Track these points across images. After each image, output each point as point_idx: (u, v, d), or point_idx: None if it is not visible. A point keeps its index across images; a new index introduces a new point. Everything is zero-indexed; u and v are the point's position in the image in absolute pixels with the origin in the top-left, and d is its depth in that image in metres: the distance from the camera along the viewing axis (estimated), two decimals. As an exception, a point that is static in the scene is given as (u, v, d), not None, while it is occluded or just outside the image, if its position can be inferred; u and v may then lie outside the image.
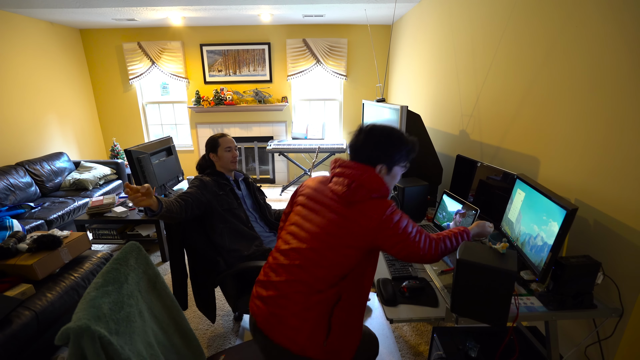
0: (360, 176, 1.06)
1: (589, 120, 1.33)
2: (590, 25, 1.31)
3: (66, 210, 3.12)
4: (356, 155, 1.13)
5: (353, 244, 1.03)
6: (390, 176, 1.13)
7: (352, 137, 1.16)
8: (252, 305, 1.13)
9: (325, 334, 1.02)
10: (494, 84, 1.99)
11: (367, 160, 1.10)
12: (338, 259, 1.03)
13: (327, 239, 1.05)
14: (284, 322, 1.02)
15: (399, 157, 1.11)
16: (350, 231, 1.03)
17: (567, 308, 1.14)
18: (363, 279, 1.09)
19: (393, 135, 1.12)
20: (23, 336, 1.51)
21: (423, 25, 3.20)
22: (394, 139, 1.11)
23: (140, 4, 3.27)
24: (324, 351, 1.02)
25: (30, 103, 3.70)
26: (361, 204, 1.05)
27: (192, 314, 2.14)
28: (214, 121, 4.82)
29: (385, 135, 1.11)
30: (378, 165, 1.09)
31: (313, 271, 1.04)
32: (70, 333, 0.67)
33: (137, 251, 1.03)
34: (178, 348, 1.07)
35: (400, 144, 1.11)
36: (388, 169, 1.11)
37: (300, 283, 1.04)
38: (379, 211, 1.03)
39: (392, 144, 1.11)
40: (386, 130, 1.12)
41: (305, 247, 1.07)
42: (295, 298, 1.03)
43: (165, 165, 3.11)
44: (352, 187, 1.05)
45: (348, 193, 1.05)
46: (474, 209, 1.61)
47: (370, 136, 1.11)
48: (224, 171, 1.84)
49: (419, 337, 1.90)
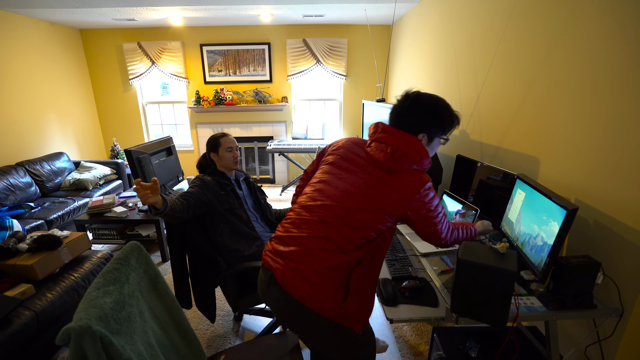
0: (406, 145, 1.04)
1: (589, 120, 1.33)
2: (590, 25, 1.31)
3: (66, 210, 3.12)
4: (399, 121, 1.10)
5: (388, 210, 1.03)
6: (430, 147, 1.11)
7: (397, 102, 1.12)
8: (267, 260, 1.10)
9: (344, 296, 1.01)
10: (494, 83, 1.99)
11: (409, 127, 1.08)
12: (369, 222, 1.03)
13: (361, 200, 1.04)
14: (305, 278, 1.00)
15: (442, 128, 1.10)
16: (387, 197, 1.03)
17: (567, 308, 1.14)
18: (378, 250, 1.09)
19: (440, 104, 1.10)
20: (23, 336, 1.51)
21: (423, 25, 3.20)
22: (440, 109, 1.09)
23: (140, 4, 3.27)
24: (340, 313, 1.00)
25: (30, 103, 3.70)
26: (402, 174, 1.04)
27: (192, 314, 2.14)
28: (214, 121, 4.82)
29: (433, 103, 1.09)
30: (420, 133, 1.08)
31: (342, 230, 1.02)
32: (71, 333, 0.67)
33: (138, 251, 1.03)
34: (178, 348, 1.07)
35: (446, 114, 1.09)
36: (429, 139, 1.10)
37: (327, 240, 1.02)
38: (419, 184, 1.03)
39: (438, 113, 1.09)
40: (433, 99, 1.10)
41: (335, 205, 1.06)
42: (319, 255, 1.01)
43: (165, 165, 3.11)
44: (395, 156, 1.04)
45: (391, 161, 1.04)
46: (474, 209, 1.61)
47: (417, 103, 1.08)
48: (225, 171, 1.84)
49: (419, 337, 1.90)
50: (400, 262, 1.59)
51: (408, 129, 1.08)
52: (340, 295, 1.01)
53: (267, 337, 1.39)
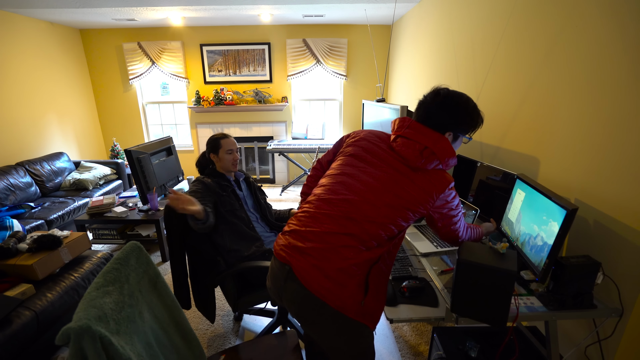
0: (435, 144, 1.04)
1: (589, 120, 1.33)
2: (590, 25, 1.31)
3: (66, 210, 3.12)
4: (428, 117, 1.08)
5: (412, 207, 1.03)
6: (453, 145, 1.11)
7: (427, 98, 1.10)
8: (283, 255, 1.05)
9: (364, 293, 1.01)
10: (494, 84, 1.99)
11: (438, 125, 1.06)
12: (394, 219, 1.02)
13: (387, 196, 1.03)
14: (329, 276, 0.97)
15: (469, 127, 1.10)
16: (413, 195, 1.03)
17: (567, 308, 1.14)
18: (395, 247, 1.09)
19: (470, 104, 1.09)
20: (23, 336, 1.51)
21: (423, 25, 3.20)
22: (470, 109, 1.08)
23: (140, 4, 3.27)
24: (360, 311, 1.00)
25: (30, 103, 3.70)
26: (428, 172, 1.05)
27: (192, 314, 2.14)
28: (214, 121, 4.82)
29: (463, 102, 1.08)
30: (447, 132, 1.07)
31: (366, 227, 1.01)
32: (71, 333, 0.67)
33: (137, 251, 1.03)
34: (178, 348, 1.07)
35: (474, 114, 1.09)
36: (454, 137, 1.09)
37: (351, 237, 1.00)
38: (444, 184, 1.05)
39: (467, 113, 1.08)
40: (464, 98, 1.09)
41: (360, 200, 1.03)
42: (344, 253, 0.99)
43: (165, 165, 3.11)
44: (424, 154, 1.03)
45: (420, 159, 1.04)
46: (474, 209, 1.61)
47: (448, 101, 1.07)
48: (225, 172, 1.84)
49: (419, 337, 1.90)
50: (400, 262, 1.58)
51: (436, 126, 1.07)
52: (360, 293, 1.00)
53: (267, 337, 1.39)
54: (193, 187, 1.73)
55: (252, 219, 1.83)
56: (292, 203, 4.23)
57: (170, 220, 1.68)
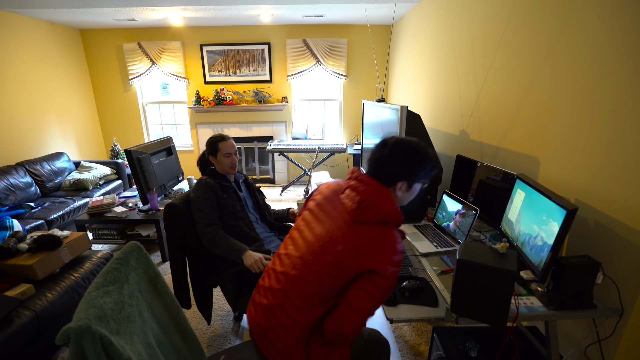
0: (374, 196, 0.99)
1: (589, 120, 1.33)
2: (590, 25, 1.31)
3: (66, 210, 3.12)
4: (377, 169, 1.04)
5: (344, 265, 0.95)
6: (409, 192, 1.06)
7: (375, 150, 1.06)
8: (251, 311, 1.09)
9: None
10: (494, 84, 1.99)
11: (388, 175, 1.03)
12: (322, 277, 0.97)
13: (319, 252, 0.99)
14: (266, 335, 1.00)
15: (423, 174, 1.05)
16: (345, 252, 0.95)
17: (567, 308, 1.14)
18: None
19: (419, 151, 1.04)
20: (23, 336, 1.51)
21: (423, 25, 3.20)
22: (420, 156, 1.04)
23: (140, 4, 3.27)
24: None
25: (30, 103, 3.70)
26: (368, 227, 0.97)
27: (192, 314, 2.14)
28: (214, 121, 4.82)
29: (412, 150, 1.03)
30: (399, 182, 1.03)
31: (297, 285, 0.99)
32: (71, 333, 0.67)
33: (137, 251, 1.03)
34: (178, 348, 1.07)
35: (425, 160, 1.04)
36: (409, 186, 1.04)
37: (283, 295, 1.00)
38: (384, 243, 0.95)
39: (418, 160, 1.03)
40: (412, 145, 1.04)
41: (298, 256, 1.02)
42: (289, 312, 0.99)
43: (165, 165, 3.12)
44: (362, 206, 0.98)
45: (357, 211, 0.98)
46: (474, 209, 1.61)
47: (396, 151, 1.03)
48: (225, 173, 1.84)
49: (419, 337, 1.90)
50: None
51: (387, 177, 1.03)
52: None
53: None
54: (196, 193, 1.72)
55: (252, 220, 1.83)
56: (291, 203, 4.23)
57: (170, 221, 1.68)
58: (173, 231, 1.68)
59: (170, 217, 1.66)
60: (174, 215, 1.66)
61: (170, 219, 1.67)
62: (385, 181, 1.03)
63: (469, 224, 1.59)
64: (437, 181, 2.16)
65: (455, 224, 1.69)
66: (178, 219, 1.66)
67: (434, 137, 2.86)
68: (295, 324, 0.98)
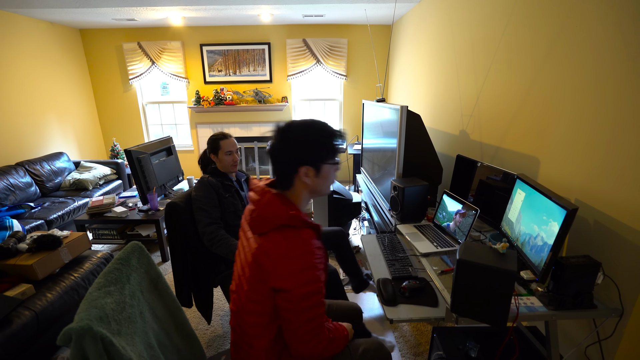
0: (259, 202, 0.93)
1: (589, 120, 1.33)
2: (590, 25, 1.31)
3: (66, 210, 3.12)
4: (276, 160, 0.95)
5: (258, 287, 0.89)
6: (321, 178, 0.95)
7: (270, 142, 0.96)
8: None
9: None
10: (494, 84, 1.99)
11: (287, 165, 0.94)
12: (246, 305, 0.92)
13: (243, 276, 0.94)
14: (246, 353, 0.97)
15: (325, 152, 0.94)
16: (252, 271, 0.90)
17: (567, 308, 1.15)
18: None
19: (314, 127, 0.94)
20: (23, 336, 1.51)
21: (423, 25, 3.20)
22: (315, 132, 0.94)
23: (140, 4, 3.27)
24: None
25: (30, 103, 3.70)
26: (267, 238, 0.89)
27: (192, 314, 2.14)
28: (214, 121, 4.82)
29: (305, 129, 0.94)
30: (302, 168, 0.93)
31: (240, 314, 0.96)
32: (72, 333, 0.67)
33: (139, 251, 1.03)
34: (179, 349, 1.07)
35: (323, 136, 0.94)
36: (316, 171, 0.94)
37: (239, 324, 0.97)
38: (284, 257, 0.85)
39: (314, 138, 0.93)
40: (305, 124, 0.94)
41: (237, 281, 0.99)
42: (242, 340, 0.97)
43: (165, 165, 3.11)
44: (253, 217, 0.92)
45: (252, 224, 0.92)
46: (474, 209, 1.61)
47: (288, 135, 0.94)
48: (226, 172, 1.84)
49: (419, 337, 1.90)
50: (400, 262, 1.59)
51: (286, 167, 0.94)
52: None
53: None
54: (198, 193, 1.71)
55: None
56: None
57: (171, 220, 1.68)
58: (174, 230, 1.68)
59: (172, 216, 1.66)
60: (175, 215, 1.66)
61: (172, 218, 1.67)
62: (285, 174, 0.95)
63: (469, 224, 1.60)
64: (437, 181, 2.16)
65: (455, 224, 1.69)
66: (179, 218, 1.66)
67: (434, 137, 2.86)
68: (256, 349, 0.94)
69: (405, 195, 1.87)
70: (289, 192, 0.97)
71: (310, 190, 0.97)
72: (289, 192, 0.97)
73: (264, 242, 0.89)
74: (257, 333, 0.93)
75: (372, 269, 1.56)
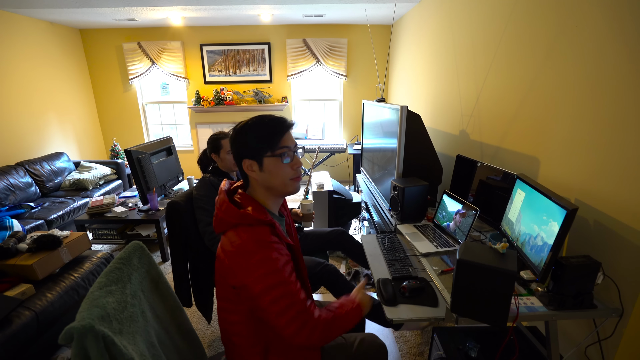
0: (217, 203, 0.96)
1: (589, 120, 1.33)
2: (591, 25, 1.31)
3: (66, 210, 3.12)
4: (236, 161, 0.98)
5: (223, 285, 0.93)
6: (266, 172, 0.93)
7: None
8: None
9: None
10: (494, 84, 2.00)
11: (235, 159, 0.96)
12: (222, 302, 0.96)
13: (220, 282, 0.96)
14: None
15: (264, 145, 0.91)
16: (217, 269, 0.93)
17: (567, 308, 1.15)
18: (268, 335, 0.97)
19: (255, 121, 0.94)
20: (23, 336, 1.51)
21: (423, 25, 3.20)
22: (253, 126, 0.93)
23: (140, 4, 3.27)
24: None
25: (30, 103, 3.70)
26: (225, 236, 0.91)
27: (192, 314, 2.14)
28: (214, 121, 4.82)
29: (246, 124, 0.94)
30: (245, 161, 0.93)
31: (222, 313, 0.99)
32: (74, 332, 0.67)
33: (140, 251, 1.03)
34: (180, 348, 1.07)
35: (261, 129, 0.92)
36: (258, 165, 0.92)
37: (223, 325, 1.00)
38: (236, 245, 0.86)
39: (252, 132, 0.92)
40: (250, 120, 0.95)
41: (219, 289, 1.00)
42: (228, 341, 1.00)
43: (165, 165, 3.12)
44: (218, 217, 0.94)
45: (215, 225, 0.95)
46: (474, 209, 1.61)
47: (235, 131, 0.96)
48: (228, 171, 1.84)
49: (419, 337, 1.90)
50: (400, 262, 1.59)
51: (236, 162, 0.96)
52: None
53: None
54: (201, 192, 1.70)
55: None
56: (292, 203, 4.23)
57: (172, 220, 1.68)
58: (175, 230, 1.68)
59: (172, 215, 1.66)
60: (175, 214, 1.66)
61: (172, 217, 1.66)
62: (240, 171, 0.97)
63: (469, 224, 1.60)
64: (437, 181, 2.17)
65: (455, 224, 1.69)
66: (180, 217, 1.66)
67: (434, 137, 2.86)
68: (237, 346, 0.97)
69: (405, 195, 1.87)
70: (250, 190, 0.99)
71: (263, 185, 0.96)
72: (249, 189, 0.99)
73: (222, 240, 0.93)
74: (235, 330, 0.96)
75: (372, 269, 1.56)
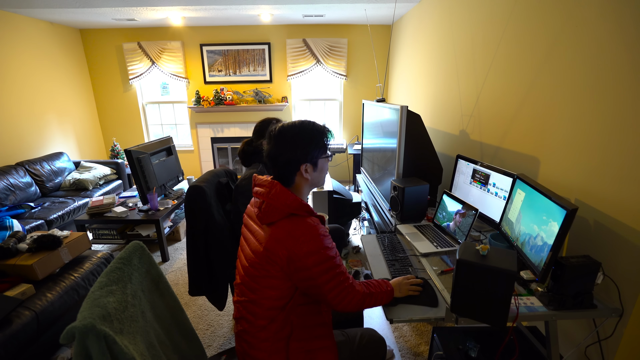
0: (268, 195, 1.00)
1: (589, 120, 1.33)
2: (591, 25, 1.32)
3: (66, 210, 3.12)
4: (275, 164, 1.04)
5: (271, 271, 0.97)
6: (318, 171, 1.07)
7: (266, 148, 1.07)
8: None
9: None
10: (494, 84, 2.00)
11: (286, 165, 1.03)
12: (263, 291, 0.99)
13: (252, 267, 1.00)
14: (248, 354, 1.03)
15: (318, 149, 1.04)
16: (263, 257, 0.97)
17: (567, 308, 1.15)
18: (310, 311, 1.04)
19: (304, 128, 1.04)
20: (23, 336, 1.51)
21: (423, 25, 3.20)
22: (306, 133, 1.03)
23: (140, 4, 3.27)
24: None
25: (30, 103, 3.70)
26: (277, 226, 0.97)
27: (192, 314, 2.14)
28: (214, 121, 4.82)
29: (297, 130, 1.03)
30: (302, 165, 1.03)
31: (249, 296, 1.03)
32: (75, 332, 0.67)
33: (140, 251, 1.03)
34: (180, 348, 1.07)
35: (313, 134, 1.04)
36: (313, 166, 1.05)
37: (250, 313, 1.03)
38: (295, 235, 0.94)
39: (306, 138, 1.03)
40: (296, 125, 1.04)
41: (243, 273, 1.06)
42: (249, 330, 1.03)
43: (165, 165, 3.12)
44: (263, 209, 0.99)
45: (261, 215, 0.99)
46: (473, 209, 1.61)
47: (282, 139, 1.03)
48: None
49: (419, 337, 1.90)
50: (400, 262, 1.59)
51: (286, 167, 1.03)
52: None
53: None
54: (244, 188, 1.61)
55: None
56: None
57: (196, 203, 1.59)
58: (195, 215, 1.60)
59: (195, 199, 1.58)
60: (199, 198, 1.57)
61: (195, 201, 1.58)
62: (286, 173, 1.04)
63: (469, 224, 1.60)
64: (437, 181, 2.17)
65: (455, 224, 1.69)
66: (204, 201, 1.58)
67: (434, 137, 2.86)
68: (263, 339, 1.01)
69: (405, 195, 1.87)
70: (291, 188, 1.06)
71: (310, 183, 1.08)
72: (291, 188, 1.06)
73: (275, 230, 0.97)
74: (270, 315, 1.00)
75: (372, 269, 1.56)
